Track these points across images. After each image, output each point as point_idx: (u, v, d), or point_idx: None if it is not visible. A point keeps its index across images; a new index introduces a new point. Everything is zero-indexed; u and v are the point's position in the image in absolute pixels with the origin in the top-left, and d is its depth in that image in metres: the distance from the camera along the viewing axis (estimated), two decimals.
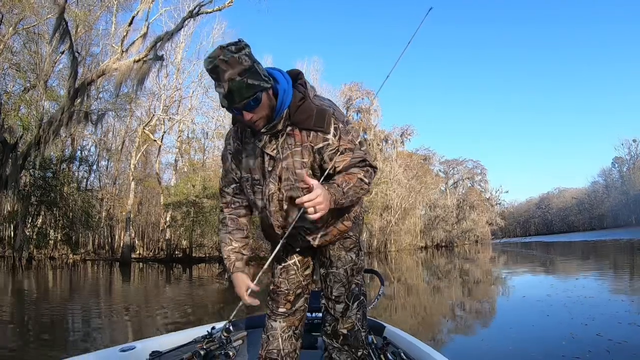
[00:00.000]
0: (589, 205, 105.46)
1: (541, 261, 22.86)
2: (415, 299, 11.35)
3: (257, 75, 1.75)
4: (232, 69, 1.70)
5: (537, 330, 6.23)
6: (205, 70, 1.77)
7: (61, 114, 16.80)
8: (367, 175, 1.98)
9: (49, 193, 26.99)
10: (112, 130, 37.26)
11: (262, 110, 1.82)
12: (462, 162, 75.16)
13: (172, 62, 34.06)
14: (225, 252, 2.18)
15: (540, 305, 8.33)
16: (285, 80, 1.92)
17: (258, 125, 1.87)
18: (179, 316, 8.87)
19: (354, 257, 2.24)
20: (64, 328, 7.81)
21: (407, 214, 52.94)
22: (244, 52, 1.72)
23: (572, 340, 5.59)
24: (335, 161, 1.93)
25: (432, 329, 7.36)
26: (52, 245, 29.56)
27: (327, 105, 1.97)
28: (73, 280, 17.83)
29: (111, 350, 2.51)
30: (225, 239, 2.19)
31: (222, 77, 1.71)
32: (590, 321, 6.56)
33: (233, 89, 1.72)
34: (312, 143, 1.92)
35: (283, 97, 1.87)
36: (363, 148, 2.00)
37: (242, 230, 2.21)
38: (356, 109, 49.81)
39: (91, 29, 26.44)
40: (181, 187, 31.28)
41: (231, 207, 2.22)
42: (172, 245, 33.95)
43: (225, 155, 2.17)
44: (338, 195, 1.86)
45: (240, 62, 1.71)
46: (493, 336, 6.26)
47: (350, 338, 2.20)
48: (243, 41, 1.77)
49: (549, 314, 7.39)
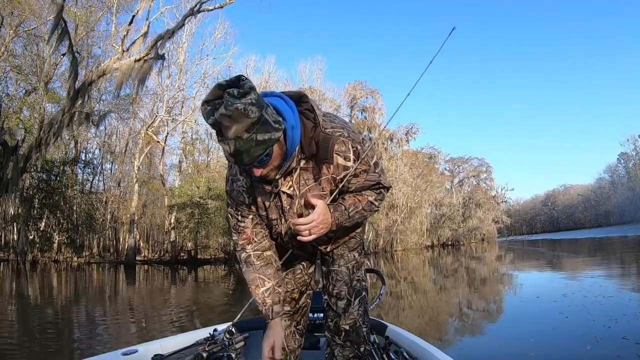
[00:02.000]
0: (595, 202, 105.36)
1: (551, 259, 22.55)
2: (423, 300, 11.06)
3: (267, 126, 1.48)
4: (237, 124, 1.42)
5: (558, 335, 5.92)
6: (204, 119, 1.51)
7: (62, 115, 16.62)
8: (378, 197, 1.94)
9: (51, 196, 26.85)
10: (115, 132, 37.40)
11: (274, 161, 1.63)
12: (467, 160, 74.99)
13: (174, 62, 34.03)
14: (259, 296, 1.99)
15: (557, 306, 7.99)
16: (291, 111, 1.67)
17: (269, 177, 1.68)
18: (186, 320, 8.65)
19: (357, 256, 2.21)
20: (69, 333, 7.57)
21: (413, 213, 52.80)
22: (249, 100, 1.42)
23: (597, 344, 5.26)
24: (350, 182, 1.84)
25: (443, 332, 7.07)
26: (56, 249, 29.43)
27: (339, 127, 1.80)
28: (76, 283, 17.64)
29: (113, 354, 2.43)
30: (256, 281, 1.99)
31: (226, 134, 1.44)
32: (613, 323, 6.22)
33: (240, 149, 1.47)
34: (334, 174, 1.80)
35: (293, 135, 1.65)
36: (377, 169, 1.91)
37: (271, 265, 2.02)
38: (360, 108, 49.64)
39: (92, 29, 26.32)
40: (185, 188, 31.21)
41: (254, 242, 2.00)
42: (177, 247, 33.83)
43: (236, 191, 1.94)
44: (342, 218, 1.84)
45: (247, 114, 1.41)
46: (511, 341, 5.90)
47: (352, 334, 2.18)
48: (246, 81, 1.46)
49: (567, 315, 7.06)
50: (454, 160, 73.38)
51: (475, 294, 11.44)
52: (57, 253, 29.48)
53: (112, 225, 35.71)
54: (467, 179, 75.17)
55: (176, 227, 32.63)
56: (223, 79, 1.49)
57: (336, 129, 1.78)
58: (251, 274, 1.99)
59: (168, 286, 16.79)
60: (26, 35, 24.81)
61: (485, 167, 76.83)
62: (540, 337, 5.80)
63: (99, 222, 32.91)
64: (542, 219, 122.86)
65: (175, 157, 37.56)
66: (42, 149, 17.13)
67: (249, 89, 1.42)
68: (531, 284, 12.70)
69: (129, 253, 31.27)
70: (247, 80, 1.45)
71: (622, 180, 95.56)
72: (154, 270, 26.29)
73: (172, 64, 33.71)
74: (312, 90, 42.90)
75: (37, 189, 26.60)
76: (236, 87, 1.43)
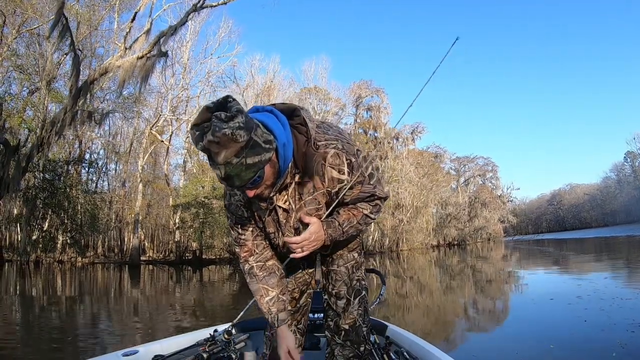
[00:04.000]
0: (601, 201, 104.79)
1: (559, 259, 22.27)
2: (429, 301, 10.80)
3: (257, 149, 1.48)
4: (226, 149, 1.41)
5: (579, 340, 5.62)
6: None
7: (64, 114, 16.42)
8: (374, 210, 1.93)
9: (54, 196, 26.73)
10: (120, 132, 37.36)
11: (266, 181, 1.63)
12: (473, 159, 74.75)
13: (178, 61, 33.91)
14: (264, 305, 2.03)
15: (573, 309, 7.69)
16: (282, 127, 1.65)
17: (264, 195, 1.69)
18: (192, 321, 8.48)
19: (356, 256, 2.20)
20: (73, 335, 7.38)
21: (418, 213, 52.59)
22: (237, 123, 1.39)
23: (623, 351, 4.94)
24: (345, 194, 1.82)
25: (455, 336, 6.80)
26: (60, 249, 29.34)
27: (333, 139, 1.78)
28: (80, 283, 17.50)
29: (113, 355, 2.45)
30: (260, 291, 2.03)
31: (216, 159, 1.43)
32: (636, 327, 5.90)
33: (231, 173, 1.48)
34: (329, 187, 1.79)
35: (284, 153, 1.63)
36: (372, 181, 1.90)
37: (274, 274, 2.05)
38: (366, 107, 49.47)
39: (96, 28, 26.21)
40: (190, 188, 31.07)
41: (255, 254, 2.03)
42: (181, 247, 33.71)
43: (234, 205, 1.97)
44: (335, 234, 1.85)
45: (235, 138, 1.40)
46: (530, 350, 5.54)
47: (352, 333, 2.17)
48: (233, 102, 1.44)
49: (586, 319, 6.76)
50: (460, 159, 73.17)
51: (485, 296, 11.18)
52: (61, 253, 29.42)
53: (116, 225, 35.66)
54: (472, 178, 74.83)
55: (181, 227, 32.48)
56: (210, 102, 1.46)
57: (330, 141, 1.76)
58: (255, 284, 2.03)
59: (173, 286, 16.66)
60: (29, 34, 24.72)
61: (491, 167, 76.69)
62: (560, 344, 5.50)
63: (103, 222, 32.85)
64: (548, 218, 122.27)
65: (180, 156, 37.48)
66: (45, 148, 16.98)
67: (237, 111, 1.41)
68: (542, 285, 12.30)
69: (133, 253, 31.22)
70: (234, 101, 1.44)
71: (628, 179, 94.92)
72: (158, 271, 26.22)
73: (176, 62, 33.69)
74: (317, 89, 42.70)
75: (40, 189, 26.46)
76: (223, 109, 1.42)
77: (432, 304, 10.45)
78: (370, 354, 2.28)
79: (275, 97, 34.95)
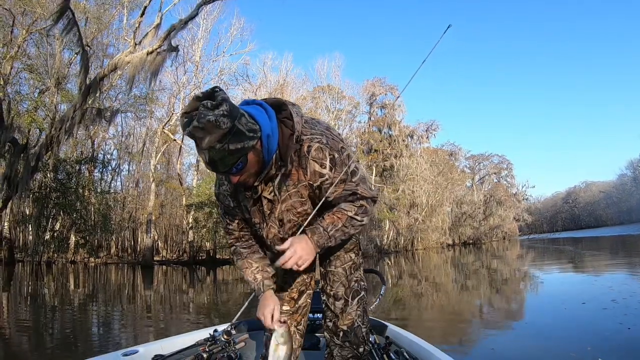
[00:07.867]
0: (617, 198, 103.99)
1: (579, 258, 21.64)
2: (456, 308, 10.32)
3: (240, 136, 1.55)
4: (210, 135, 1.49)
5: (623, 351, 5.12)
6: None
7: (73, 112, 16.19)
8: (360, 211, 1.90)
9: (65, 196, 26.60)
10: (133, 132, 37.48)
11: (250, 169, 1.70)
12: (488, 157, 74.34)
13: (190, 59, 33.81)
14: (249, 275, 2.11)
15: (610, 314, 6.99)
16: (268, 119, 1.72)
17: (248, 183, 1.78)
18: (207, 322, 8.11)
19: (353, 257, 2.22)
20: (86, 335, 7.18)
21: (433, 211, 52.25)
22: (221, 111, 1.49)
23: None
24: (328, 193, 1.84)
25: (484, 344, 6.31)
26: (72, 250, 29.26)
27: (319, 134, 1.83)
28: (93, 284, 17.29)
29: (114, 355, 2.47)
30: (244, 264, 2.13)
31: (200, 144, 1.52)
32: None
33: (214, 158, 1.56)
34: (311, 181, 1.83)
35: (268, 144, 1.70)
36: (355, 178, 1.88)
37: (258, 252, 2.16)
38: (380, 105, 49.04)
39: (107, 27, 26.05)
40: (203, 187, 30.84)
41: (241, 241, 2.16)
42: (195, 247, 33.52)
43: (222, 194, 2.05)
44: (322, 240, 1.86)
45: (218, 125, 1.48)
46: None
47: (351, 334, 2.18)
48: (219, 92, 1.54)
49: (629, 326, 6.21)
50: (475, 157, 72.76)
51: (510, 299, 10.62)
52: (73, 254, 29.34)
53: (129, 225, 35.61)
54: (487, 176, 74.30)
55: (194, 227, 32.37)
56: (200, 92, 1.57)
57: (315, 135, 1.81)
58: (240, 260, 2.13)
59: (187, 287, 16.41)
60: (39, 35, 24.59)
61: (506, 164, 76.22)
62: (607, 355, 5.00)
63: (116, 222, 32.82)
64: (563, 217, 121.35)
65: (193, 156, 37.37)
66: (54, 147, 16.78)
67: (222, 100, 1.50)
68: (569, 287, 11.40)
69: (146, 254, 31.12)
70: (221, 91, 1.53)
71: None
72: (172, 271, 26.00)
73: (188, 61, 33.61)
74: (331, 87, 42.36)
75: (51, 189, 26.36)
76: (211, 99, 1.51)
77: (458, 309, 9.97)
78: (370, 354, 2.32)
79: (288, 95, 34.71)
